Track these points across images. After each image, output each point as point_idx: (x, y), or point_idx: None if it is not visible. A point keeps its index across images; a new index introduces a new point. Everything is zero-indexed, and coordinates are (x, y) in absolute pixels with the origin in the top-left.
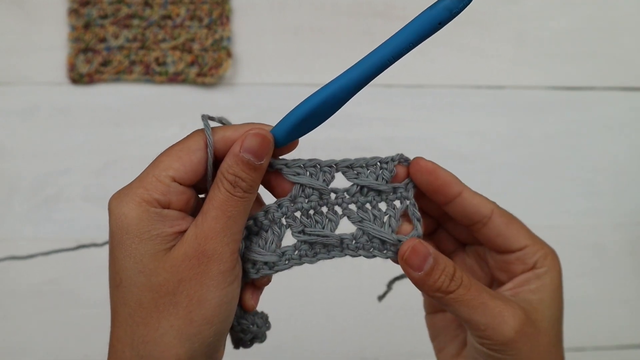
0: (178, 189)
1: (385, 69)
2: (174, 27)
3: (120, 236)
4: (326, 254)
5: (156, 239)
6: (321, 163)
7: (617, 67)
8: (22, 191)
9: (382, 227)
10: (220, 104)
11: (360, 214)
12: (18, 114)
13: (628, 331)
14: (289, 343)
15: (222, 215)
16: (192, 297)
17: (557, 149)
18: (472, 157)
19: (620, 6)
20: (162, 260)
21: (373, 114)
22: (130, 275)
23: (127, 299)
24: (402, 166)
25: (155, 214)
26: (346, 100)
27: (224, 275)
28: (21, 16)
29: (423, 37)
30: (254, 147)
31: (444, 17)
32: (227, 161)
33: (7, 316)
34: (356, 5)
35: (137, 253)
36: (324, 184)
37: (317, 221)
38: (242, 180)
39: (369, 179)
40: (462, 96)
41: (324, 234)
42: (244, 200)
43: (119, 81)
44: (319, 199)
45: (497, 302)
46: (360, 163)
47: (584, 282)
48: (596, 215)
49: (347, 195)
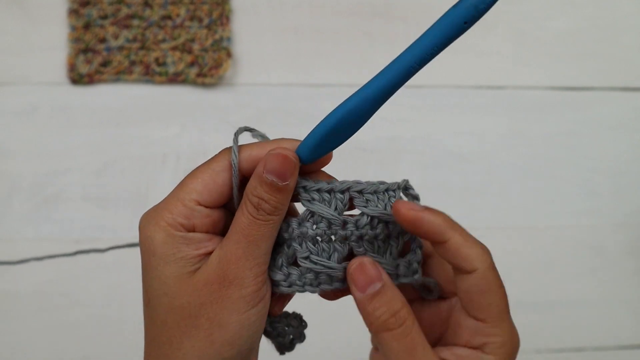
0: (203, 212)
1: (411, 77)
2: (174, 28)
3: (148, 258)
4: (329, 285)
5: (180, 262)
6: (335, 188)
7: (617, 67)
8: (22, 191)
9: (384, 257)
10: (220, 104)
11: (365, 246)
12: (18, 114)
13: (628, 331)
14: None
15: (244, 239)
16: (212, 320)
17: (557, 149)
18: (472, 157)
19: (620, 6)
20: (186, 283)
21: None
22: (156, 296)
23: (154, 319)
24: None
25: (180, 237)
26: (372, 112)
27: (245, 300)
28: (21, 16)
29: (449, 40)
30: (276, 168)
31: (469, 15)
32: (252, 182)
33: (7, 317)
34: (356, 5)
35: (162, 275)
36: (336, 212)
37: (324, 249)
38: (266, 202)
39: (378, 207)
40: (462, 96)
41: (330, 266)
42: (269, 224)
43: (119, 81)
44: (327, 228)
45: (430, 356)
46: (370, 189)
47: (583, 282)
48: (596, 215)
49: (356, 226)
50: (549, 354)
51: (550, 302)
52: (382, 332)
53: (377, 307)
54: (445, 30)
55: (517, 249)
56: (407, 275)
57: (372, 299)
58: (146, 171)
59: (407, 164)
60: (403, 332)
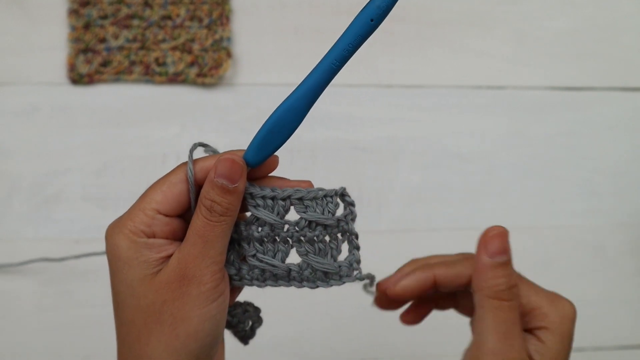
0: (163, 220)
1: (335, 75)
2: (174, 28)
3: (114, 263)
4: (274, 282)
5: (143, 265)
6: (278, 196)
7: (617, 67)
8: (22, 191)
9: (325, 258)
10: (220, 104)
11: (306, 247)
12: (18, 114)
13: (628, 331)
14: (288, 343)
15: (200, 240)
16: (175, 316)
17: (557, 149)
18: (472, 157)
19: (620, 6)
20: (149, 284)
21: (373, 114)
22: (123, 298)
23: (123, 319)
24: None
25: (142, 242)
26: (306, 110)
27: (205, 295)
28: (21, 16)
29: (362, 37)
30: (225, 172)
31: (374, 13)
32: (205, 188)
33: (7, 317)
34: (356, 6)
35: (127, 278)
36: (278, 217)
37: (270, 249)
38: (218, 205)
39: (316, 212)
40: (462, 96)
41: (272, 264)
42: (222, 224)
43: (119, 81)
44: (271, 230)
45: (519, 339)
46: (309, 196)
47: (584, 282)
48: (596, 215)
49: (296, 228)
50: None
51: None
52: (494, 299)
53: (499, 276)
54: (356, 30)
55: (517, 249)
56: (349, 276)
57: (496, 267)
58: (146, 171)
59: (406, 164)
60: (511, 305)
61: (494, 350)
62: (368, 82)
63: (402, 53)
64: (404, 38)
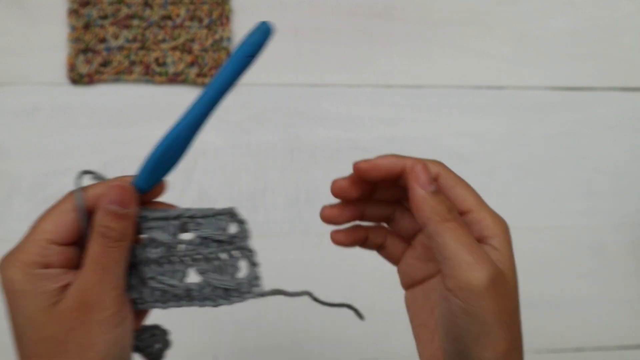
0: (56, 249)
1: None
2: (174, 28)
3: (11, 297)
4: (176, 303)
5: (41, 296)
6: (169, 215)
7: (617, 67)
8: (22, 191)
9: (223, 276)
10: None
11: (203, 265)
12: (18, 114)
13: (628, 331)
14: (288, 344)
15: (98, 267)
16: (80, 343)
17: (557, 149)
18: (472, 157)
19: (620, 6)
20: (50, 315)
21: (373, 114)
22: (24, 331)
23: (26, 352)
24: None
25: (37, 274)
26: (191, 139)
27: (108, 320)
28: (21, 16)
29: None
30: (116, 198)
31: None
32: (98, 215)
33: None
34: (356, 5)
35: (26, 311)
36: (172, 236)
37: (168, 270)
38: (112, 230)
39: (208, 230)
40: (462, 96)
41: (171, 284)
42: (117, 249)
43: (119, 81)
44: (167, 250)
45: (481, 247)
46: (200, 214)
47: (584, 282)
48: (596, 215)
49: (191, 246)
50: (548, 354)
51: (550, 302)
52: (447, 222)
53: (440, 202)
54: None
55: (517, 249)
56: (250, 292)
57: (434, 195)
58: None
59: None
60: (461, 223)
61: (469, 262)
62: (368, 82)
63: (402, 53)
64: (404, 38)
